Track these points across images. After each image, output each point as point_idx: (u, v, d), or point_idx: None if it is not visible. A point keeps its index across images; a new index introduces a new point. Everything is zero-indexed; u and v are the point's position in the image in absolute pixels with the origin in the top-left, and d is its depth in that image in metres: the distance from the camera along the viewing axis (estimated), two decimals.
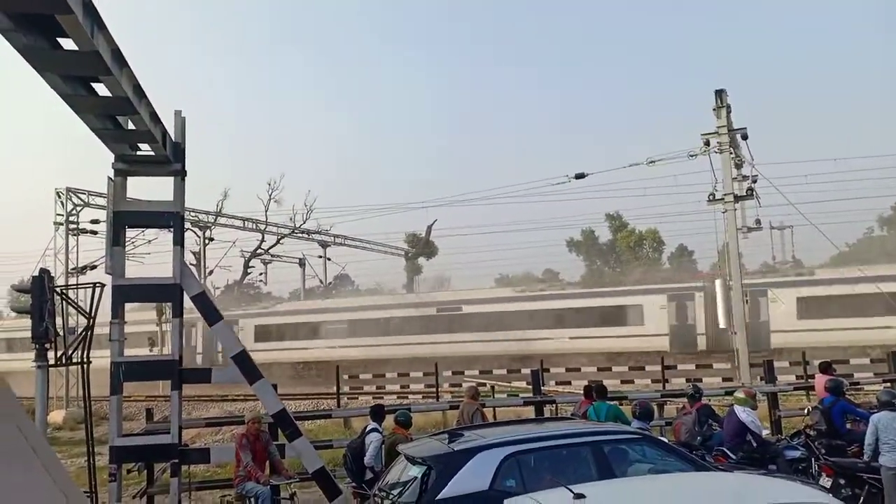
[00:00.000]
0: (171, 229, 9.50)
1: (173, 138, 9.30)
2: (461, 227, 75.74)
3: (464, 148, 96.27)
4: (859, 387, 16.39)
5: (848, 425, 10.20)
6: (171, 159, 9.22)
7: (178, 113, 9.44)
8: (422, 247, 55.26)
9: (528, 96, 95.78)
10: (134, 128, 8.33)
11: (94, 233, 31.11)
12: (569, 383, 23.06)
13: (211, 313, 9.47)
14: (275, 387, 10.05)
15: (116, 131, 8.39)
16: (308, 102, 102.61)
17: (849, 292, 27.94)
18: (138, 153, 9.19)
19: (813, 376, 15.14)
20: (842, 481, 8.99)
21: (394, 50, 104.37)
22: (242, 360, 9.51)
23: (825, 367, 11.90)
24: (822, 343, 26.00)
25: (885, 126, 72.91)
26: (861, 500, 8.66)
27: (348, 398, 24.59)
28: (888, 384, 12.75)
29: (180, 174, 9.37)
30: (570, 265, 55.74)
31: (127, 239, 12.07)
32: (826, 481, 8.94)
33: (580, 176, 23.37)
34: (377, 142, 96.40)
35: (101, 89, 7.32)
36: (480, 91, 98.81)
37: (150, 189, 10.30)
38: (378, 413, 9.51)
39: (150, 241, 32.56)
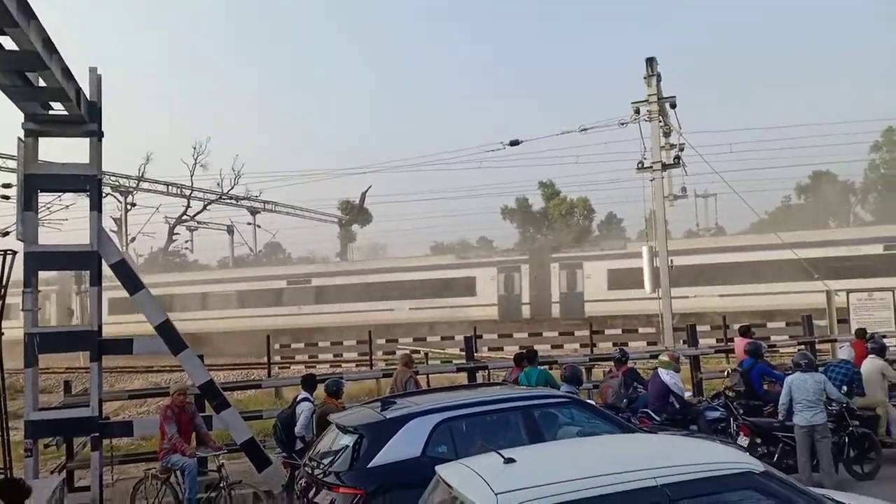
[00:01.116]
0: (88, 193, 9.03)
1: (88, 97, 8.79)
2: (396, 193, 75.35)
3: (400, 113, 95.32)
4: (776, 349, 17.19)
5: (765, 387, 10.68)
6: (86, 119, 8.72)
7: (93, 70, 8.91)
8: (356, 214, 54.64)
9: (462, 58, 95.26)
10: (45, 85, 7.84)
11: (6, 197, 29.52)
12: (501, 349, 23.40)
13: (131, 282, 9.09)
14: (201, 357, 9.79)
15: (26, 88, 7.87)
16: (237, 62, 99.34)
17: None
18: (51, 112, 8.66)
19: (732, 340, 15.82)
20: (758, 440, 9.43)
21: (327, 10, 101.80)
22: (166, 330, 9.19)
23: (745, 331, 12.40)
24: (629, 311, 28.36)
25: (810, 96, 75.84)
26: (776, 458, 9.10)
27: (279, 367, 24.30)
28: (802, 346, 13.40)
29: (96, 135, 8.89)
30: (504, 233, 56.26)
31: (42, 204, 11.45)
32: (743, 440, 9.36)
33: (514, 143, 23.41)
34: (310, 105, 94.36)
35: (8, 42, 6.83)
36: (414, 54, 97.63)
37: (65, 153, 9.75)
38: (309, 382, 9.39)
39: (67, 206, 31.12)
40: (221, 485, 8.43)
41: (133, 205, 42.56)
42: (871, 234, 30.89)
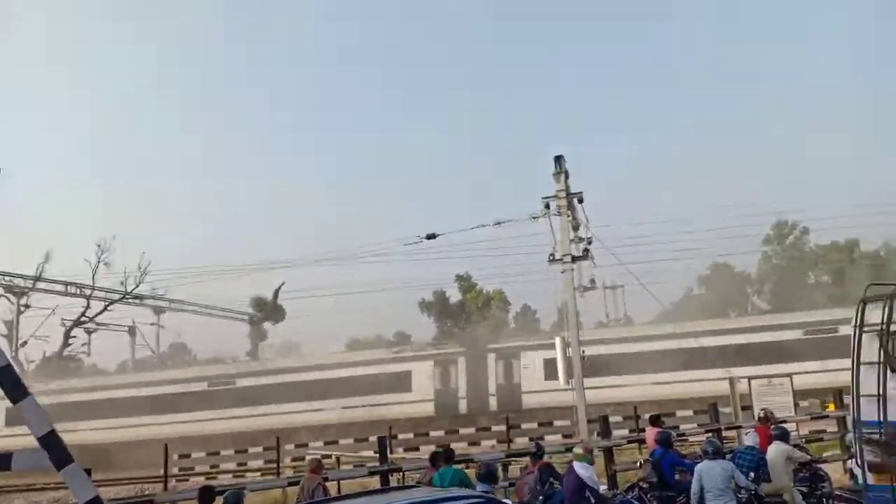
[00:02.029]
0: None
1: None
2: (311, 288, 73.83)
3: (313, 205, 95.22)
4: (685, 438, 17.44)
5: (677, 476, 10.72)
6: None
7: None
8: (269, 311, 53.23)
9: (376, 155, 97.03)
10: None
11: None
12: (417, 448, 22.75)
13: (15, 389, 8.34)
14: (88, 472, 8.99)
15: None
16: (146, 158, 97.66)
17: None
18: None
19: (644, 430, 15.98)
20: None
21: (245, 95, 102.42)
22: (51, 442, 8.40)
23: (654, 420, 12.57)
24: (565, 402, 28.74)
25: (708, 188, 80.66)
26: None
27: (177, 480, 22.67)
28: (710, 434, 13.61)
29: None
30: (423, 326, 55.96)
31: None
32: None
33: (431, 237, 23.57)
34: (221, 200, 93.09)
35: None
36: (325, 145, 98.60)
37: None
38: (206, 497, 8.75)
39: None
40: None
41: (27, 306, 40.13)
42: (770, 321, 32.69)
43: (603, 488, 11.22)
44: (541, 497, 10.23)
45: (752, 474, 9.89)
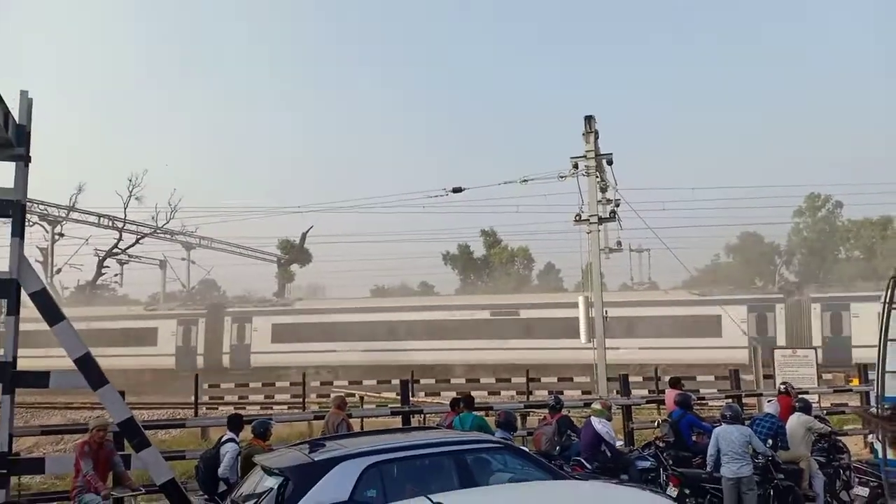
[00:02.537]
0: (10, 219, 8.65)
1: (17, 120, 8.50)
2: (338, 234, 74.59)
3: (343, 154, 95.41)
4: (705, 402, 17.53)
5: (694, 438, 10.83)
6: (13, 143, 8.42)
7: (24, 93, 8.66)
8: (296, 253, 53.83)
9: (408, 103, 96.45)
10: None
11: None
12: (438, 394, 23.18)
13: (51, 313, 8.68)
14: (122, 393, 9.37)
15: None
16: (180, 93, 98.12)
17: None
18: None
19: (663, 391, 16.08)
20: (687, 491, 9.51)
21: (272, 49, 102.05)
22: (86, 364, 8.78)
23: (675, 383, 12.64)
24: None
25: (741, 157, 79.29)
26: None
27: (207, 408, 23.44)
28: (730, 399, 13.69)
29: (23, 160, 8.57)
30: (446, 278, 56.31)
31: None
32: (673, 490, 9.42)
33: (457, 190, 23.59)
34: (253, 142, 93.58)
35: None
36: (359, 97, 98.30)
37: None
38: (235, 423, 9.08)
39: None
40: None
41: (61, 235, 41.02)
42: None
43: (619, 444, 11.40)
44: (557, 448, 10.42)
45: (769, 441, 9.96)
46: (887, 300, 9.08)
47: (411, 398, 14.14)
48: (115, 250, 46.02)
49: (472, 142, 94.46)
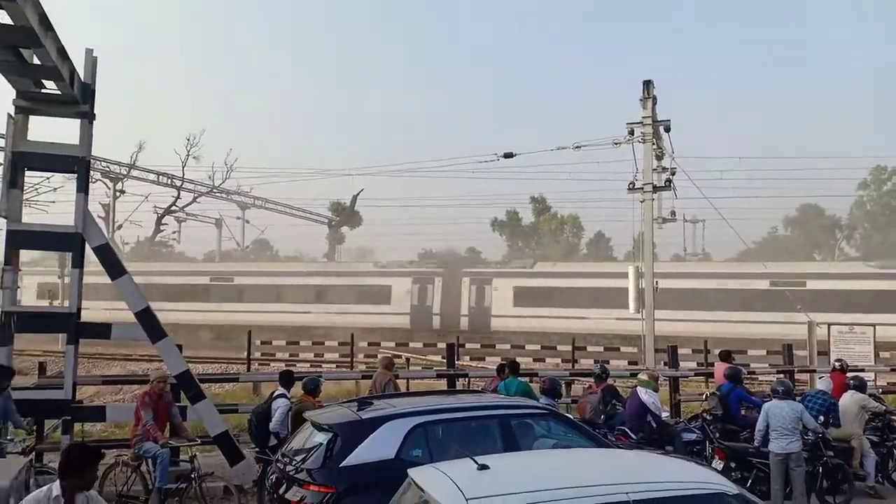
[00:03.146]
0: (76, 175, 8.95)
1: (82, 78, 8.74)
2: (387, 198, 75.19)
3: (395, 119, 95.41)
4: (755, 376, 17.25)
5: (742, 412, 10.69)
6: (78, 100, 8.67)
7: (89, 51, 8.88)
8: (346, 216, 54.46)
9: (462, 70, 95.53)
10: (39, 62, 7.77)
11: None
12: (482, 359, 23.34)
13: (114, 266, 9.01)
14: (179, 347, 9.70)
15: (19, 65, 7.81)
16: (237, 56, 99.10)
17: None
18: (43, 91, 8.60)
19: (712, 364, 15.88)
20: (733, 464, 9.43)
21: (328, 11, 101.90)
22: (146, 318, 9.12)
23: (726, 356, 12.44)
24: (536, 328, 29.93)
25: (804, 127, 76.52)
26: (749, 483, 9.10)
27: (259, 364, 24.13)
28: (782, 375, 13.43)
29: (88, 117, 8.83)
30: (493, 244, 56.27)
31: (28, 185, 11.36)
32: (718, 464, 9.35)
33: (509, 155, 23.40)
34: (308, 105, 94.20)
35: (3, 16, 6.78)
36: (418, 63, 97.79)
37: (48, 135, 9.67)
38: (287, 379, 9.30)
39: (55, 188, 30.80)
40: (192, 476, 8.32)
41: (122, 192, 42.24)
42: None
43: (665, 415, 11.33)
44: (602, 417, 10.42)
45: (821, 418, 9.77)
46: None
47: (457, 362, 14.28)
48: (174, 208, 47.28)
49: (526, 108, 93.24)
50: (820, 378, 11.61)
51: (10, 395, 8.17)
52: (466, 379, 13.62)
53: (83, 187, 8.90)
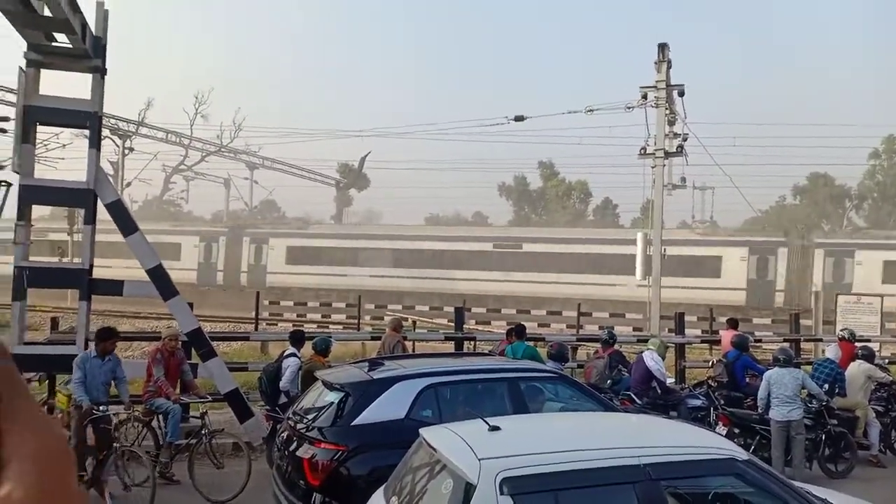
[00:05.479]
0: (88, 131, 8.92)
1: (94, 32, 8.64)
2: (396, 161, 74.66)
3: (404, 80, 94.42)
4: (761, 343, 17.32)
5: (747, 379, 10.77)
6: (90, 54, 8.59)
7: (100, 4, 8.76)
8: (354, 178, 54.27)
9: (477, 32, 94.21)
10: (50, 14, 7.68)
11: (3, 131, 29.10)
12: (489, 323, 23.46)
13: (126, 223, 9.03)
14: (191, 305, 9.77)
15: (30, 15, 7.73)
16: (245, 15, 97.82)
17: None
18: (54, 44, 8.52)
19: (717, 332, 15.93)
20: (736, 430, 9.53)
21: None
22: (158, 275, 9.17)
23: (733, 324, 12.49)
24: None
25: (815, 96, 75.53)
26: (752, 449, 9.19)
27: (267, 324, 24.31)
28: (786, 343, 13.49)
29: (100, 71, 8.75)
30: (500, 209, 56.20)
31: (40, 140, 11.34)
32: (722, 430, 9.44)
33: (519, 118, 23.11)
34: (316, 65, 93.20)
35: None
36: (428, 24, 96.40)
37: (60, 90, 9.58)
38: (297, 338, 9.39)
39: (64, 145, 30.69)
40: (203, 432, 8.44)
41: (131, 149, 42.12)
42: None
43: (670, 381, 11.42)
44: (608, 381, 10.49)
45: (826, 386, 9.84)
46: None
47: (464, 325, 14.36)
48: (182, 167, 47.19)
49: (537, 71, 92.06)
50: (828, 346, 11.64)
51: None
52: (474, 342, 13.71)
53: (95, 143, 8.87)
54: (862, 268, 29.07)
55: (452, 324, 14.01)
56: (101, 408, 7.63)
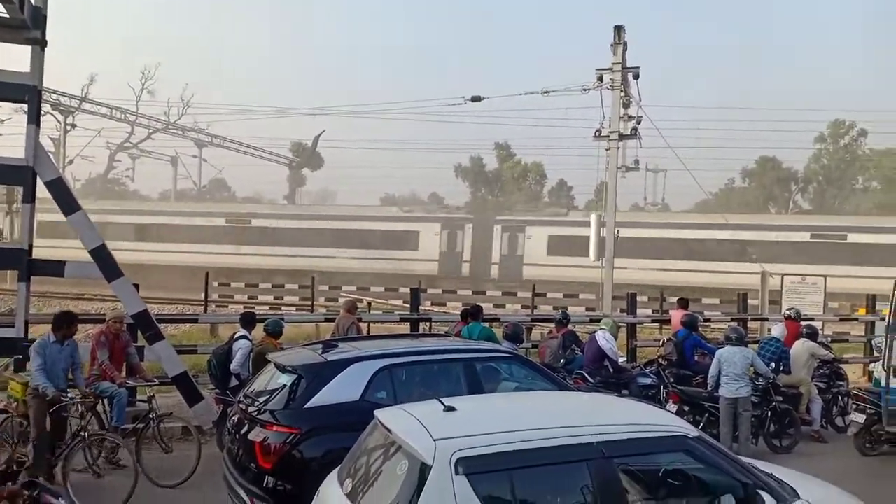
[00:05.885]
0: (26, 105, 8.53)
1: (33, 1, 8.24)
2: (350, 140, 73.86)
3: (359, 59, 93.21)
4: (710, 323, 17.74)
5: (696, 358, 11.00)
6: (28, 25, 8.20)
7: None
8: (307, 157, 53.49)
9: (436, 11, 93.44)
10: None
11: None
12: (444, 304, 23.49)
13: (68, 202, 8.70)
14: (136, 287, 9.48)
15: None
16: None
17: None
18: None
19: (668, 311, 16.25)
20: (686, 408, 9.73)
21: None
22: (102, 256, 8.87)
23: (683, 303, 12.73)
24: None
25: (765, 80, 77.11)
26: (701, 426, 9.41)
27: (217, 306, 23.88)
28: (735, 322, 13.82)
29: (39, 43, 8.37)
30: (456, 190, 56.14)
31: None
32: (672, 407, 9.63)
33: (476, 99, 22.98)
34: (269, 42, 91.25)
35: None
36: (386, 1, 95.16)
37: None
38: (248, 320, 9.21)
39: (2, 120, 29.49)
40: (150, 416, 8.21)
41: (73, 126, 40.72)
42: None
43: (622, 360, 11.60)
44: (562, 361, 10.60)
45: (772, 364, 10.12)
46: None
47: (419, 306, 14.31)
48: (127, 144, 45.81)
49: (496, 52, 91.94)
50: (774, 325, 11.96)
51: None
52: (429, 323, 13.69)
53: (34, 118, 8.50)
54: (531, 241, 33.01)
55: (408, 305, 13.95)
56: (68, 396, 7.37)
